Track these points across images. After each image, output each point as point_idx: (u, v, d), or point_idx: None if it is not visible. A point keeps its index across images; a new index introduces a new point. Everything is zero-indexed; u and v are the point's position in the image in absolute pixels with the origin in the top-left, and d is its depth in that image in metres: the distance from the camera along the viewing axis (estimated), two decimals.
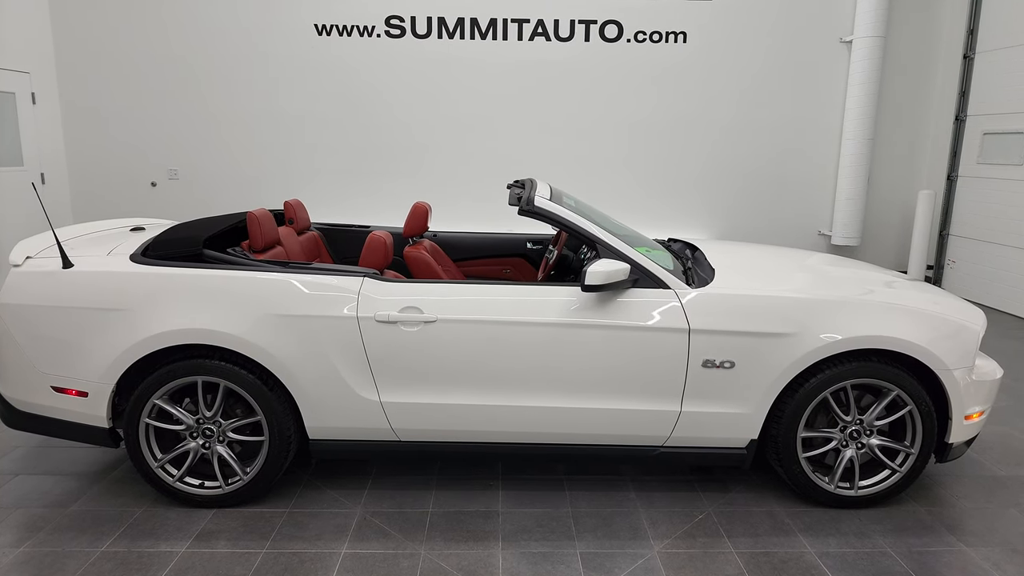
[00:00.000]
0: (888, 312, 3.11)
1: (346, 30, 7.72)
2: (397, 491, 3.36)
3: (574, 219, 3.24)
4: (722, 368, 3.06)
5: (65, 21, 7.69)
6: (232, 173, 8.04)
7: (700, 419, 3.12)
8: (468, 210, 7.82)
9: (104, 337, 3.02)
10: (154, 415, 3.10)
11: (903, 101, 8.18)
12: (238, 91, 7.86)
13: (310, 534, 2.99)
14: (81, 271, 3.10)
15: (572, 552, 2.89)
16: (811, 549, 2.93)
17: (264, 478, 3.15)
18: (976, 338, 3.16)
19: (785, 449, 3.14)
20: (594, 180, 8.03)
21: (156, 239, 3.30)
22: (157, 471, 3.14)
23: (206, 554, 2.83)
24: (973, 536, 3.05)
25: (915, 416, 3.12)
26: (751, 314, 3.05)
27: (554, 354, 3.06)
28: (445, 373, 3.08)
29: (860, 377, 3.06)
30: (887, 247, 8.50)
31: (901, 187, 8.40)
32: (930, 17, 8.02)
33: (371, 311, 3.03)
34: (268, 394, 3.05)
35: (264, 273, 3.09)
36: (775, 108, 8.02)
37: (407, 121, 7.95)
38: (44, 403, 3.14)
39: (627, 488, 3.43)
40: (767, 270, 3.64)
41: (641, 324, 3.04)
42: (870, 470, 3.25)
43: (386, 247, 3.48)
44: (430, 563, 2.80)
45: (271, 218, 3.74)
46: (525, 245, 4.84)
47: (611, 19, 7.75)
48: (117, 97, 7.86)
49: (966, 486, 3.50)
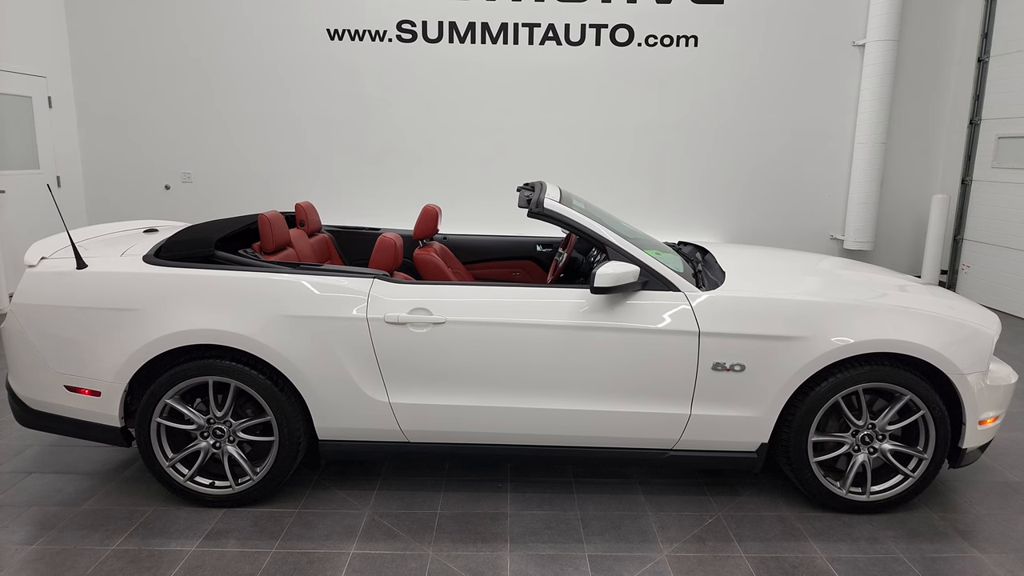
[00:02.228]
0: (900, 316, 3.09)
1: (358, 35, 7.77)
2: (406, 492, 3.37)
3: (583, 221, 3.24)
4: (732, 371, 3.04)
5: (81, 26, 7.79)
6: (244, 176, 8.10)
7: (710, 422, 3.10)
8: (478, 213, 7.84)
9: (117, 337, 3.05)
10: (166, 415, 3.13)
11: (916, 105, 8.12)
12: (251, 95, 7.93)
13: (319, 534, 3.00)
14: (95, 272, 3.13)
15: (580, 555, 2.88)
16: (822, 554, 2.90)
17: (274, 478, 3.16)
18: (990, 342, 3.13)
19: (796, 453, 3.12)
20: (605, 183, 8.03)
21: (169, 240, 3.33)
22: (168, 470, 3.16)
23: (216, 553, 2.85)
24: (987, 542, 3.02)
25: (928, 421, 3.09)
26: (762, 317, 3.03)
27: (563, 356, 3.06)
28: (454, 374, 3.08)
29: (872, 381, 3.04)
30: (900, 252, 8.43)
31: (915, 191, 8.33)
32: (943, 20, 7.96)
33: (381, 312, 3.04)
34: (278, 394, 3.07)
35: (275, 274, 3.11)
36: (787, 112, 7.99)
37: (417, 125, 7.98)
38: (57, 402, 3.18)
39: (636, 491, 3.42)
40: (778, 273, 3.62)
41: (651, 327, 3.03)
42: (883, 475, 3.22)
43: (396, 249, 3.49)
44: (438, 564, 2.80)
45: (282, 220, 3.76)
46: (535, 248, 4.83)
47: (622, 23, 7.76)
48: (132, 101, 7.95)
49: (980, 492, 3.46)
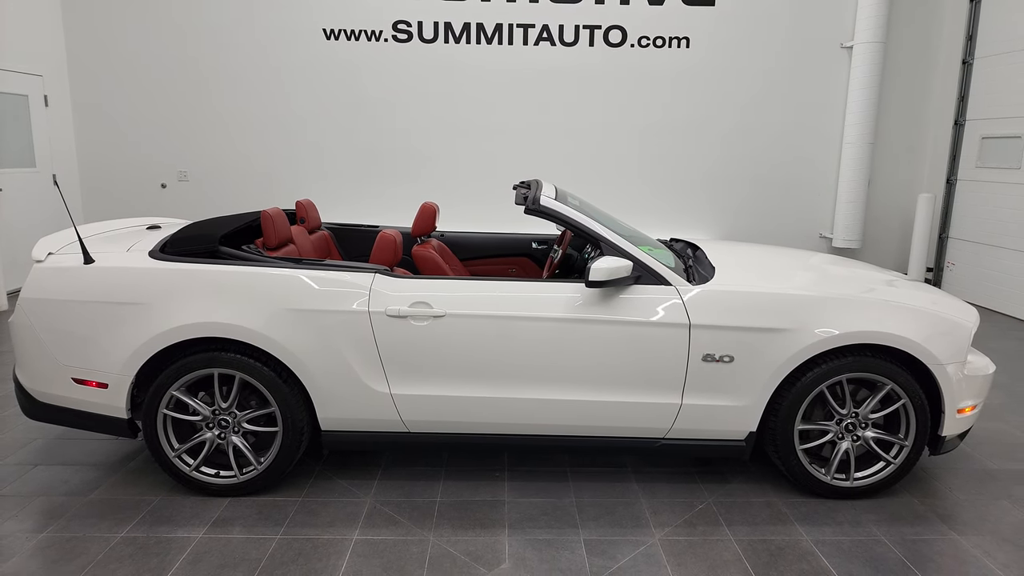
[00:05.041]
0: (883, 309, 3.21)
1: (354, 34, 7.85)
2: (406, 481, 3.46)
3: (578, 218, 3.34)
4: (722, 362, 3.15)
5: (77, 24, 7.83)
6: (240, 175, 8.17)
7: (700, 412, 3.21)
8: (473, 211, 7.93)
9: (124, 330, 3.13)
10: (171, 406, 3.20)
11: (903, 106, 8.27)
12: (247, 94, 7.99)
13: (322, 521, 3.09)
14: (102, 267, 3.21)
15: (576, 539, 2.99)
16: (807, 537, 3.02)
17: (277, 468, 3.25)
18: (968, 334, 3.26)
19: (783, 441, 3.23)
20: (599, 182, 8.14)
21: (174, 236, 3.41)
22: (174, 460, 3.24)
23: (222, 539, 2.94)
24: (965, 525, 3.14)
25: (909, 409, 3.21)
26: (750, 310, 3.15)
27: (559, 348, 3.16)
28: (453, 366, 3.18)
29: (856, 371, 3.16)
30: (887, 250, 8.58)
31: (901, 190, 8.49)
32: (929, 23, 8.12)
33: (382, 306, 3.14)
34: (282, 386, 3.16)
35: (278, 269, 3.19)
36: (776, 113, 8.12)
37: (413, 123, 8.07)
38: (65, 394, 3.25)
39: (629, 479, 3.53)
40: (766, 268, 3.74)
41: (643, 319, 3.14)
42: (865, 462, 3.34)
43: (396, 245, 3.58)
44: (439, 549, 2.89)
45: (284, 217, 3.85)
46: (530, 245, 4.93)
47: (615, 24, 7.87)
48: (128, 100, 8.00)
49: (959, 478, 3.59)
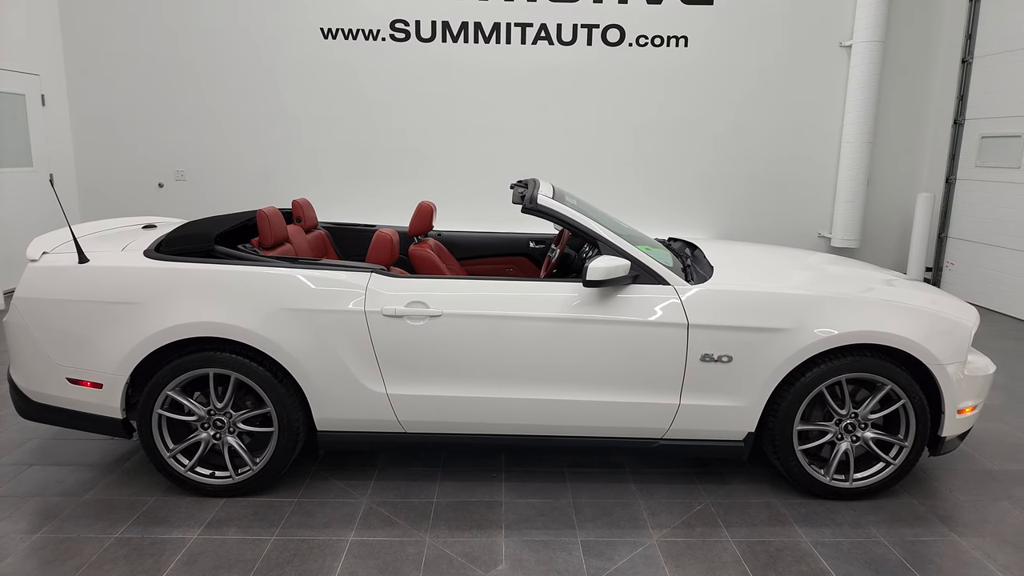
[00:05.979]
0: (882, 308, 3.19)
1: (351, 34, 7.83)
2: (403, 482, 3.44)
3: (576, 217, 3.32)
4: (720, 362, 3.13)
5: (74, 24, 7.81)
6: (238, 174, 8.14)
7: (698, 412, 3.19)
8: (470, 210, 7.90)
9: (119, 330, 3.11)
10: (167, 406, 3.18)
11: (902, 105, 8.26)
12: (244, 93, 7.97)
13: (318, 522, 3.07)
14: (97, 266, 3.19)
15: (573, 540, 2.97)
16: (806, 538, 3.00)
17: (273, 468, 3.23)
18: (968, 334, 3.24)
19: (782, 442, 3.22)
20: (598, 181, 8.11)
21: (169, 235, 3.39)
22: (169, 461, 3.22)
23: (217, 540, 2.92)
24: (965, 527, 3.12)
25: (909, 410, 3.19)
26: (748, 310, 3.13)
27: (556, 348, 3.14)
28: (450, 366, 3.16)
29: (855, 371, 3.14)
30: (886, 249, 8.57)
31: (900, 190, 8.47)
32: (929, 22, 8.10)
33: (378, 306, 3.12)
34: (278, 386, 3.14)
35: (274, 269, 3.17)
36: (776, 111, 8.10)
37: (410, 122, 8.04)
38: (59, 394, 3.23)
39: (627, 480, 3.51)
40: (765, 268, 3.72)
41: (641, 319, 3.12)
42: (865, 463, 3.32)
43: (392, 244, 3.56)
44: (435, 550, 2.87)
45: (280, 216, 3.83)
46: (528, 244, 4.91)
47: (613, 23, 7.85)
48: (125, 99, 7.97)
49: (959, 479, 3.57)
